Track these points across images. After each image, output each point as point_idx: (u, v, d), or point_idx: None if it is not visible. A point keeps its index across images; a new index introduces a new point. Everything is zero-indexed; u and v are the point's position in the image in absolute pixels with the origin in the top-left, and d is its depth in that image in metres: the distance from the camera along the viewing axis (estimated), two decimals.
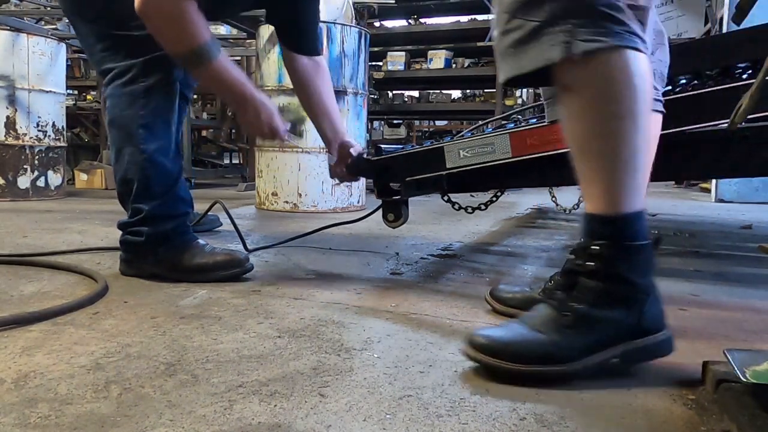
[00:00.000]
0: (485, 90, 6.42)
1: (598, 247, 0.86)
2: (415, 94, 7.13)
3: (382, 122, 9.81)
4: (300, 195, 3.04)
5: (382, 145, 1.78)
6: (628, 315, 0.85)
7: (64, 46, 3.66)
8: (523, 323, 0.89)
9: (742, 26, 1.14)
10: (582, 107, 0.86)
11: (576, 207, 2.84)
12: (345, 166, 1.64)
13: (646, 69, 0.84)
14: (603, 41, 0.81)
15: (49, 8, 5.85)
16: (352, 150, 1.63)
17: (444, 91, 6.84)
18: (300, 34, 1.69)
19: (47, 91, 3.46)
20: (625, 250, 0.85)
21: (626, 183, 0.84)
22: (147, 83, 1.40)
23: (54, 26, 5.83)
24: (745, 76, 1.36)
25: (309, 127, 2.93)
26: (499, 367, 0.85)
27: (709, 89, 1.35)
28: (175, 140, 1.48)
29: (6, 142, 3.32)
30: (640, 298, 0.85)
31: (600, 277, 0.86)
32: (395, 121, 9.59)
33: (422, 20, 5.74)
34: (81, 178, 4.41)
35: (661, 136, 1.14)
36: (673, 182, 5.89)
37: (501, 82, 0.91)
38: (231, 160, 7.38)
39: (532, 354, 0.85)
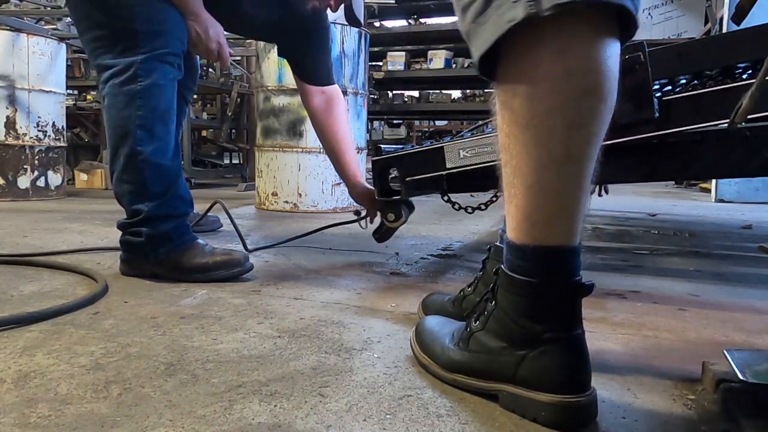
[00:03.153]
0: (485, 90, 6.43)
1: (496, 275, 0.78)
2: (415, 94, 7.13)
3: (382, 122, 9.82)
4: (300, 195, 3.04)
5: (382, 145, 1.79)
6: (510, 353, 0.74)
7: (64, 46, 3.66)
8: (452, 322, 0.90)
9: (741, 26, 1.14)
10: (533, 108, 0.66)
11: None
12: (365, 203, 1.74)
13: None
14: None
15: (49, 8, 5.84)
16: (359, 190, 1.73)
17: (444, 91, 6.85)
18: (311, 65, 1.75)
19: (47, 91, 3.46)
20: (510, 283, 0.74)
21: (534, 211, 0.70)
22: (145, 83, 1.38)
23: (54, 26, 5.83)
24: (745, 76, 1.36)
25: (309, 127, 2.97)
26: (412, 348, 0.92)
27: (709, 89, 1.35)
28: (174, 140, 1.47)
29: (6, 142, 3.32)
30: (521, 342, 0.73)
31: (492, 303, 0.78)
32: (395, 121, 9.60)
33: (422, 20, 5.74)
34: (81, 178, 4.40)
35: (661, 136, 1.14)
36: (673, 182, 5.89)
37: (478, 72, 0.71)
38: (231, 160, 7.38)
39: (428, 347, 0.87)
